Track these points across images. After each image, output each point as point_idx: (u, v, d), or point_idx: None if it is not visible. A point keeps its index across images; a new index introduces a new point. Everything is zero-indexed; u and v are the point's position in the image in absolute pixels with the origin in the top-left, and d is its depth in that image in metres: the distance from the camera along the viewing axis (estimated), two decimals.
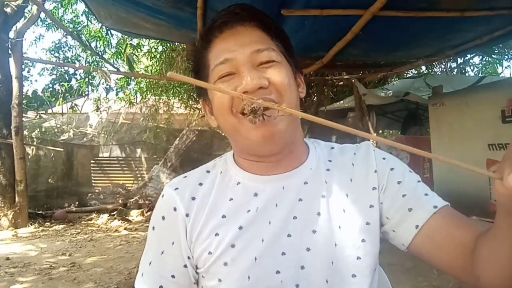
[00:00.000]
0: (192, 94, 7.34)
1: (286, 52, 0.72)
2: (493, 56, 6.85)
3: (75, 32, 6.98)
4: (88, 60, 9.03)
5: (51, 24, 8.63)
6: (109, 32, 7.24)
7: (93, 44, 7.50)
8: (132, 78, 7.50)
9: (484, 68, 9.31)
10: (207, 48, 0.72)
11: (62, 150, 8.28)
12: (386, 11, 2.22)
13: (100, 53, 7.52)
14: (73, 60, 10.75)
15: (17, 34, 5.91)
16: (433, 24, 2.48)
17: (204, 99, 0.76)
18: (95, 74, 8.03)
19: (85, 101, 10.40)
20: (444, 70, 7.69)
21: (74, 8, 8.93)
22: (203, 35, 0.72)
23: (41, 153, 8.22)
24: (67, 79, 12.61)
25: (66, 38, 10.85)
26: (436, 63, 6.27)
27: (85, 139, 8.86)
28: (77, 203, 7.78)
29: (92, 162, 8.69)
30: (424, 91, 5.00)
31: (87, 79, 8.75)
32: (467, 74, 8.93)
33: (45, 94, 12.03)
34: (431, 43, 3.05)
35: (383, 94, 5.42)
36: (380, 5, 2.12)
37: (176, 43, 5.91)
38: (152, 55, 7.10)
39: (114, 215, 6.64)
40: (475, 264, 0.59)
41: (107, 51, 8.05)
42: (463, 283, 0.69)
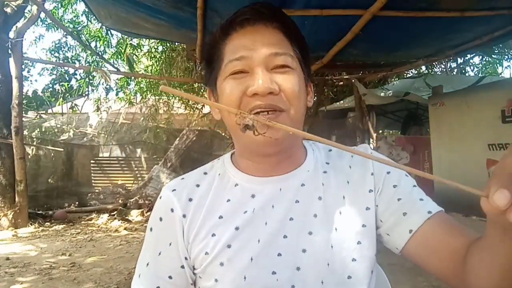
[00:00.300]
0: (192, 94, 7.35)
1: (302, 59, 0.72)
2: (493, 56, 6.86)
3: (75, 32, 6.99)
4: (88, 60, 9.03)
5: (51, 24, 8.63)
6: (109, 32, 7.24)
7: (93, 44, 7.50)
8: (132, 78, 7.50)
9: (484, 68, 9.31)
10: (224, 41, 0.71)
11: (62, 150, 8.28)
12: (386, 11, 2.22)
13: (100, 53, 7.52)
14: (73, 60, 10.74)
15: (17, 34, 5.91)
16: (433, 24, 2.49)
17: (212, 90, 0.75)
18: (95, 74, 8.03)
19: (85, 101, 10.40)
20: (444, 70, 7.70)
21: (74, 8, 8.94)
22: (224, 26, 0.71)
23: (41, 153, 8.23)
24: (67, 79, 12.59)
25: (66, 38, 10.84)
26: (436, 63, 6.28)
27: (85, 139, 8.86)
28: (77, 203, 7.78)
29: (92, 162, 8.70)
30: (424, 91, 4.99)
31: (87, 79, 8.74)
32: (467, 74, 8.93)
33: (45, 94, 12.02)
34: (431, 43, 3.06)
35: (383, 94, 5.42)
36: (380, 5, 2.12)
37: (176, 43, 5.91)
38: (152, 55, 7.11)
39: (114, 215, 6.64)
40: (465, 271, 0.59)
41: (107, 51, 8.04)
42: None
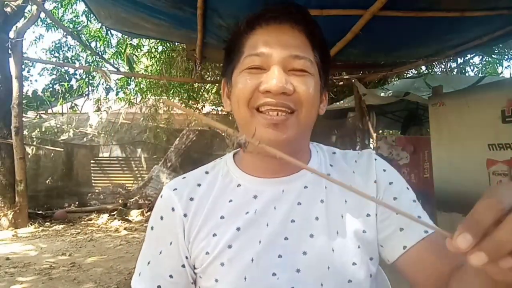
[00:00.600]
0: (192, 94, 7.35)
1: (322, 66, 0.71)
2: (493, 56, 6.84)
3: (75, 32, 6.99)
4: (88, 60, 9.00)
5: (51, 24, 8.61)
6: (109, 32, 7.24)
7: (93, 44, 7.50)
8: (132, 78, 7.49)
9: (484, 68, 9.30)
10: (248, 34, 0.70)
11: (62, 150, 8.28)
12: (386, 11, 2.22)
13: (100, 53, 7.51)
14: (73, 60, 10.71)
15: (17, 34, 5.91)
16: (433, 24, 2.48)
17: (227, 80, 0.75)
18: (95, 74, 8.04)
19: (85, 101, 10.41)
20: (444, 70, 7.68)
21: (74, 8, 8.93)
22: (249, 20, 0.71)
23: (41, 153, 8.23)
24: (67, 79, 12.56)
25: (66, 38, 10.80)
26: (436, 63, 6.27)
27: (85, 139, 8.86)
28: (77, 203, 7.79)
29: (92, 162, 8.70)
30: (424, 91, 4.98)
31: (87, 79, 8.74)
32: (467, 74, 8.92)
33: (45, 94, 12.00)
34: (431, 43, 3.06)
35: (383, 94, 5.41)
36: (380, 5, 2.12)
37: (176, 43, 5.90)
38: (152, 55, 7.10)
39: (114, 215, 6.64)
40: None
41: (107, 51, 8.03)
42: None
